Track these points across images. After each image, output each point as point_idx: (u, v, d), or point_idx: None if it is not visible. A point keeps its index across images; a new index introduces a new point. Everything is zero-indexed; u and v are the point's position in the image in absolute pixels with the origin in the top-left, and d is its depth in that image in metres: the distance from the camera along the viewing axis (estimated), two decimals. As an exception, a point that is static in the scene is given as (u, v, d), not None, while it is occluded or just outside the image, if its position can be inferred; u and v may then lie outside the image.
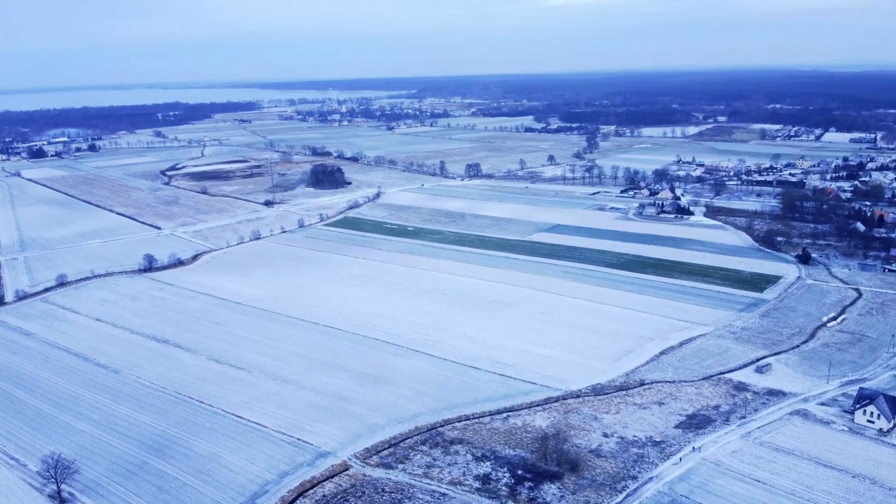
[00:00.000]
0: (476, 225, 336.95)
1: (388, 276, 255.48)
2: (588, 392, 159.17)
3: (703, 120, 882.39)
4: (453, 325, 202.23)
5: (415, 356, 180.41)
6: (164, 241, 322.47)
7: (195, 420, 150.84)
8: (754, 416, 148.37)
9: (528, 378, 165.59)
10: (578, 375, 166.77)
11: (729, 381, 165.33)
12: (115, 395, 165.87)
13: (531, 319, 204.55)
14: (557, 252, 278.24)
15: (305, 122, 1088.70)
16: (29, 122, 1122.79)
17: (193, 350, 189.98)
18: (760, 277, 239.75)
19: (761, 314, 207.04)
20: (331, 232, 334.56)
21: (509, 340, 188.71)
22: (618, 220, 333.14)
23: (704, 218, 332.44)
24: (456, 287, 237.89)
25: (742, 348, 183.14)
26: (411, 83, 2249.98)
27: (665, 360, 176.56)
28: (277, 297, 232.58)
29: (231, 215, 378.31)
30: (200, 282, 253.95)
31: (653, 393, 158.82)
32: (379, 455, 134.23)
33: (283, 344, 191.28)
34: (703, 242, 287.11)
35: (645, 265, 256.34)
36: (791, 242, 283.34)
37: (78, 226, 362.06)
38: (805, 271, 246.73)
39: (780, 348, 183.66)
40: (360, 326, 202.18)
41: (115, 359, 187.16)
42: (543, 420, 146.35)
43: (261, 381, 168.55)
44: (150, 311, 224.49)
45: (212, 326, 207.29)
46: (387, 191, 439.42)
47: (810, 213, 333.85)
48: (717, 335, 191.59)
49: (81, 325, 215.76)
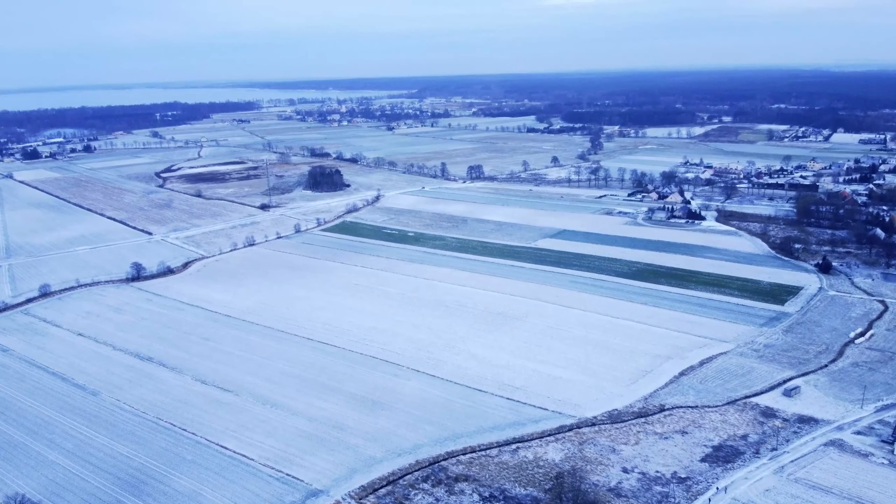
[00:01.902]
0: (479, 230, 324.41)
1: (387, 285, 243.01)
2: (604, 419, 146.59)
3: (707, 120, 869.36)
4: (456, 340, 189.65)
5: (415, 377, 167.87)
6: (154, 247, 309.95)
7: (176, 451, 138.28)
8: (786, 448, 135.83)
9: (538, 403, 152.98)
10: (593, 400, 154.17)
11: (756, 406, 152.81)
12: (92, 421, 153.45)
13: (539, 335, 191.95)
14: (565, 260, 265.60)
15: (305, 123, 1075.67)
16: (26, 122, 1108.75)
17: (178, 369, 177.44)
18: (780, 288, 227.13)
19: (784, 329, 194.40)
20: (328, 238, 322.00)
21: (517, 359, 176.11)
22: (627, 226, 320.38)
23: (717, 223, 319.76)
24: (459, 298, 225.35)
25: (767, 368, 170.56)
26: (412, 83, 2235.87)
27: (685, 381, 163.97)
28: (270, 310, 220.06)
29: (225, 219, 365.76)
30: (190, 292, 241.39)
31: (674, 420, 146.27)
32: (376, 494, 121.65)
33: (275, 363, 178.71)
34: (717, 250, 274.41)
35: (658, 275, 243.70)
36: (809, 250, 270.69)
37: (67, 231, 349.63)
38: (826, 281, 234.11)
39: (807, 368, 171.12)
40: (357, 343, 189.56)
41: (94, 379, 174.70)
42: (557, 452, 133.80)
43: (249, 406, 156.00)
44: (134, 324, 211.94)
45: (199, 342, 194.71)
46: (386, 193, 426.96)
47: (826, 218, 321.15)
48: (740, 353, 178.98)
49: (62, 340, 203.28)
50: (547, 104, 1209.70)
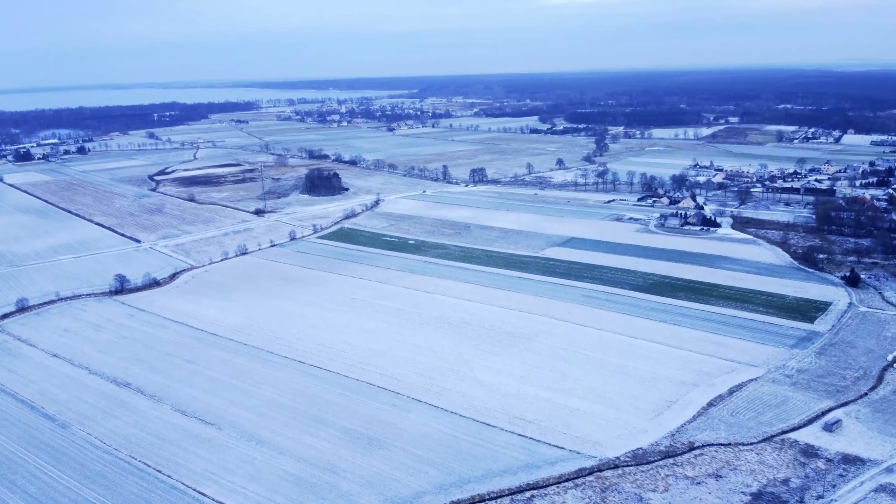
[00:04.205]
0: (483, 238, 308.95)
1: (385, 299, 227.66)
2: (628, 460, 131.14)
3: (714, 121, 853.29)
4: (461, 364, 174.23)
5: (416, 408, 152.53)
6: (141, 256, 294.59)
7: (148, 498, 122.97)
8: (833, 495, 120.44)
9: (553, 440, 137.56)
10: (614, 436, 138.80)
11: (794, 443, 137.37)
12: (60, 459, 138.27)
13: (552, 358, 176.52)
14: (575, 271, 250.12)
15: (304, 123, 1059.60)
16: (21, 122, 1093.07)
17: (157, 397, 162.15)
18: (807, 304, 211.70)
19: (817, 351, 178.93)
20: (324, 246, 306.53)
21: (528, 386, 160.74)
22: (639, 233, 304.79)
23: (733, 231, 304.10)
24: (463, 315, 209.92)
25: (802, 397, 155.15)
26: (412, 82, 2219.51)
27: (715, 413, 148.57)
28: (259, 327, 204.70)
29: (218, 226, 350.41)
30: (175, 307, 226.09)
31: (706, 461, 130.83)
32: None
33: (262, 390, 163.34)
34: (736, 260, 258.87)
35: (676, 288, 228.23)
36: (834, 260, 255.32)
37: (52, 238, 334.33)
38: (856, 296, 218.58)
39: (846, 397, 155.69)
40: (353, 367, 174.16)
41: (65, 408, 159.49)
42: (576, 501, 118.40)
43: (232, 443, 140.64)
44: (114, 344, 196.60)
45: (182, 366, 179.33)
46: (386, 198, 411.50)
47: (847, 225, 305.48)
48: (771, 379, 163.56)
49: (35, 361, 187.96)
50: (549, 104, 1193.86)
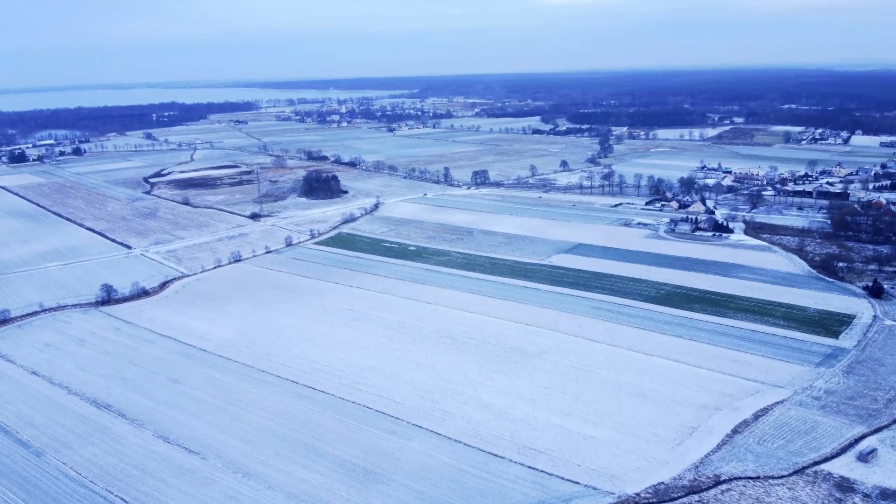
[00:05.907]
0: (486, 244, 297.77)
1: (385, 311, 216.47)
2: (649, 496, 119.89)
3: (719, 121, 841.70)
4: (466, 385, 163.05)
5: (417, 435, 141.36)
6: (131, 263, 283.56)
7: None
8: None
9: (567, 473, 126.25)
10: (633, 469, 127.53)
11: (828, 475, 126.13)
12: (32, 494, 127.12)
13: (562, 377, 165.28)
14: (584, 281, 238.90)
15: (303, 124, 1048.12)
16: (19, 123, 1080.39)
17: (139, 421, 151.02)
18: (830, 317, 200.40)
19: (844, 370, 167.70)
20: (321, 252, 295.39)
21: (538, 410, 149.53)
22: (648, 239, 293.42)
23: (746, 237, 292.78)
24: (467, 329, 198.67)
25: (833, 423, 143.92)
26: (413, 82, 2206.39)
27: (740, 441, 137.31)
28: (251, 342, 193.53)
29: (212, 231, 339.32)
30: (163, 319, 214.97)
31: (735, 498, 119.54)
32: None
33: (251, 414, 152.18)
34: (752, 269, 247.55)
35: (690, 299, 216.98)
36: (854, 269, 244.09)
37: (41, 244, 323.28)
38: (880, 308, 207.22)
39: (879, 422, 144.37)
40: (350, 388, 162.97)
41: (41, 433, 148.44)
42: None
43: (217, 475, 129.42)
44: (96, 360, 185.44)
45: (167, 386, 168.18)
46: (386, 201, 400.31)
47: (865, 231, 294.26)
48: (798, 402, 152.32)
49: (13, 380, 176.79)
50: (551, 104, 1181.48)
